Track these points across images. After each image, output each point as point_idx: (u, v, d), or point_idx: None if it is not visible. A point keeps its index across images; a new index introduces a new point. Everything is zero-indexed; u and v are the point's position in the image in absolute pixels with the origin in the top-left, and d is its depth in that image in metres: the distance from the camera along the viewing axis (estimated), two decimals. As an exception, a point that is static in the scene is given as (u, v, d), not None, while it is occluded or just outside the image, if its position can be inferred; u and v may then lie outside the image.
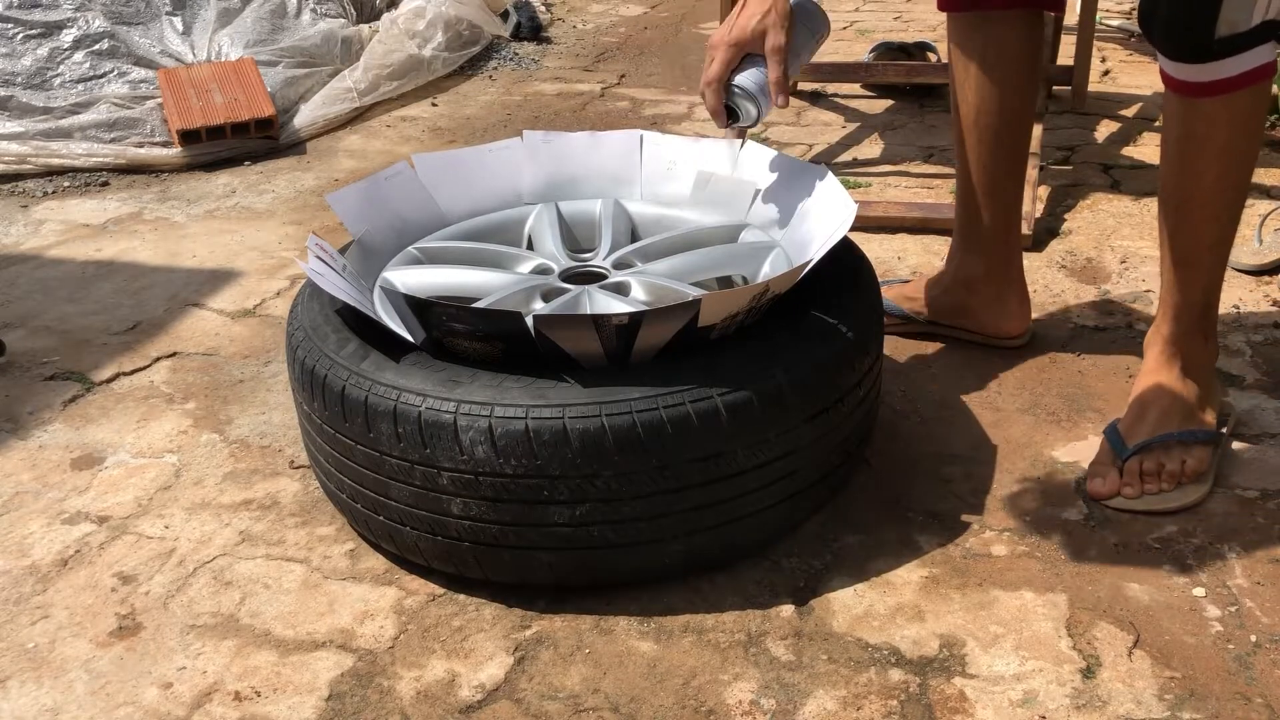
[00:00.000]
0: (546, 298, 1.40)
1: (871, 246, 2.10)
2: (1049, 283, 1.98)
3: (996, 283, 1.73)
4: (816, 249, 1.38)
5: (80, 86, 2.88)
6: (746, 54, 1.43)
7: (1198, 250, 1.45)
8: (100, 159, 2.72)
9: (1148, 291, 1.93)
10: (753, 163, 1.62)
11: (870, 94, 3.10)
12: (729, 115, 1.44)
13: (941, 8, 1.65)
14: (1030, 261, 1.89)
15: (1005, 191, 1.69)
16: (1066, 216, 2.24)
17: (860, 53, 3.35)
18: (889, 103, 3.03)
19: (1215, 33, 1.30)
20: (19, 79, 2.85)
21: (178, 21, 3.13)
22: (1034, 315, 1.81)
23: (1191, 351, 1.48)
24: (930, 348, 1.79)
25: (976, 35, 1.62)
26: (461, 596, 1.31)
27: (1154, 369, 1.50)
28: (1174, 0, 1.32)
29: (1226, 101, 1.35)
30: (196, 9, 3.17)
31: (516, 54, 3.61)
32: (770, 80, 1.42)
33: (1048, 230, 2.18)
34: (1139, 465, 1.43)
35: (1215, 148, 1.38)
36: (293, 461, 1.58)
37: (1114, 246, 2.11)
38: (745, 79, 1.43)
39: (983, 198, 1.69)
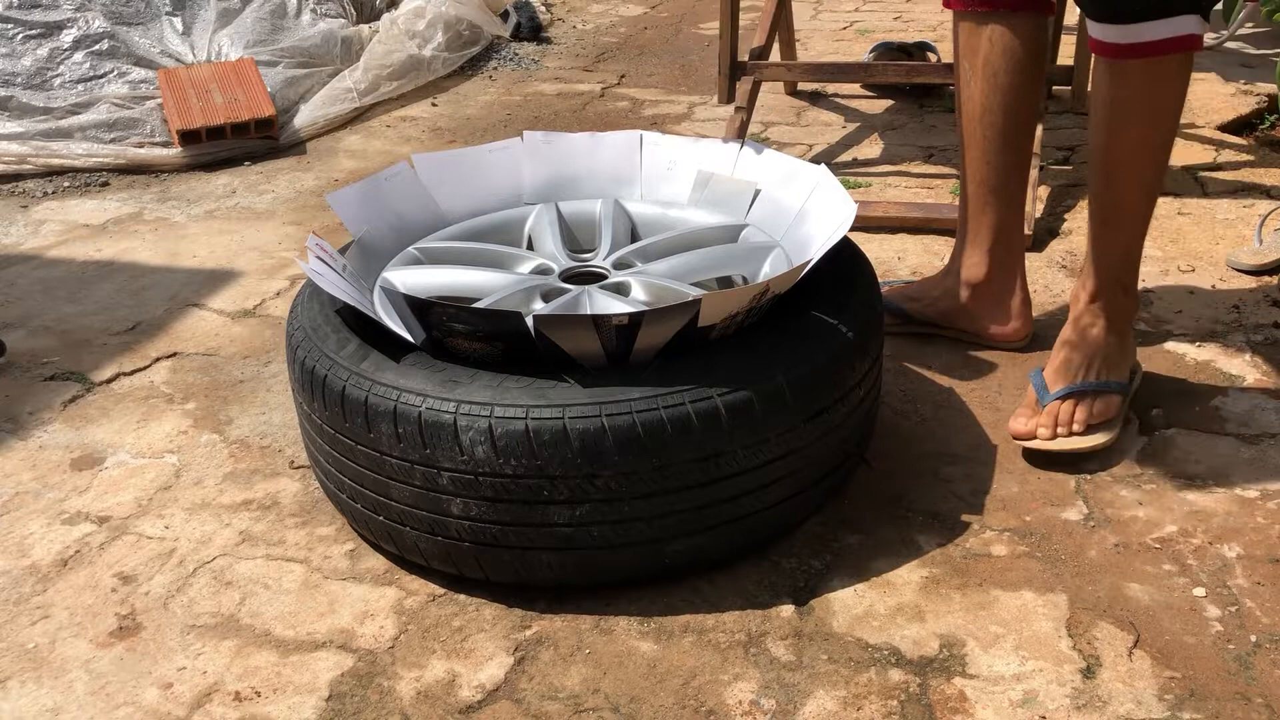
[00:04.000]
0: (546, 298, 1.40)
1: (871, 246, 2.10)
2: (1049, 283, 1.98)
3: (998, 285, 1.73)
4: (816, 249, 1.38)
5: (80, 87, 2.88)
6: None
7: (1119, 211, 1.52)
8: (100, 159, 2.72)
9: (1148, 291, 1.93)
10: (753, 163, 1.62)
11: (870, 94, 3.10)
12: None
13: (947, 5, 1.65)
14: (1030, 261, 1.89)
15: (1009, 190, 1.69)
16: (1066, 216, 2.24)
17: (860, 53, 3.35)
18: (889, 103, 3.02)
19: None
20: (19, 79, 2.85)
21: (178, 21, 3.13)
22: (1034, 315, 1.81)
23: (1113, 304, 1.56)
24: (930, 348, 1.79)
25: (982, 35, 1.62)
26: (461, 596, 1.31)
27: (1078, 320, 1.58)
28: None
29: (1147, 65, 1.41)
30: (196, 9, 3.17)
31: (516, 54, 3.61)
32: None
33: (1048, 230, 2.18)
34: (1056, 410, 1.52)
35: (1136, 111, 1.45)
36: (293, 461, 1.58)
37: (1114, 246, 2.11)
38: None
39: (987, 198, 1.69)
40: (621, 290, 1.43)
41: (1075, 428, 1.51)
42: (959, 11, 1.64)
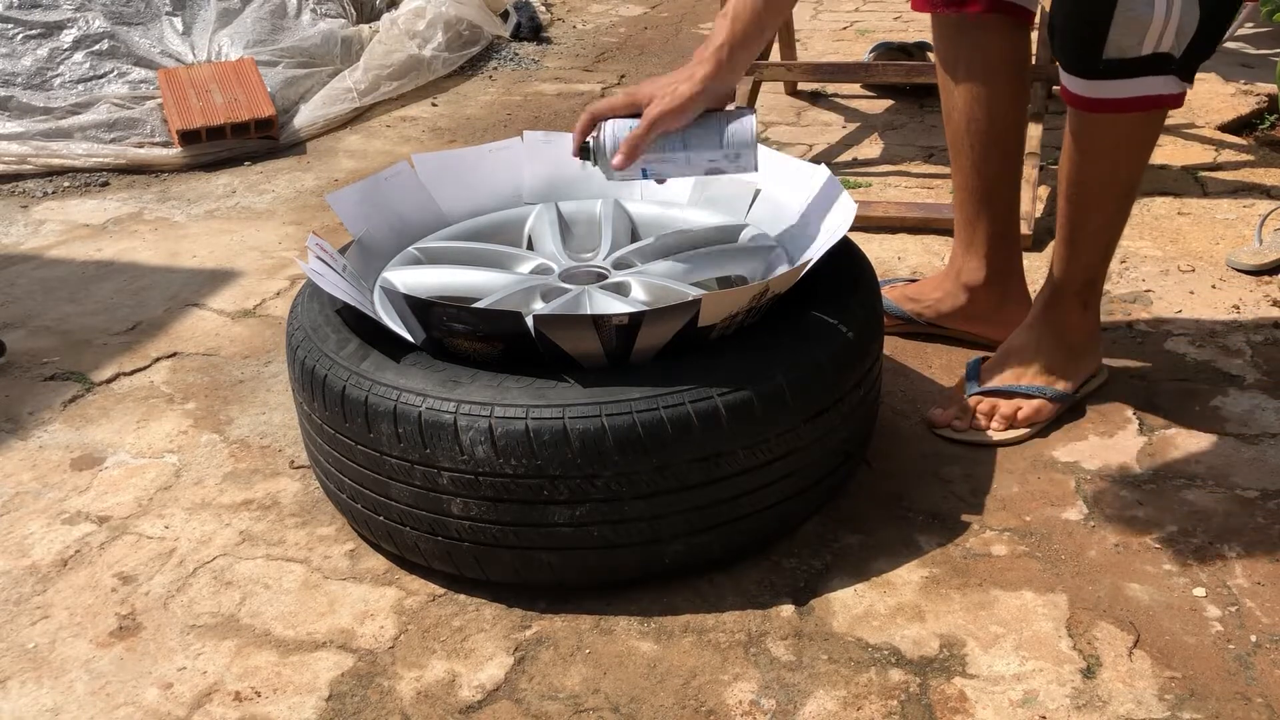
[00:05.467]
0: (546, 298, 1.40)
1: (871, 246, 2.10)
2: (1049, 283, 1.98)
3: (998, 287, 1.73)
4: (816, 249, 1.38)
5: (80, 87, 2.88)
6: (638, 113, 1.35)
7: (1080, 235, 1.53)
8: (100, 159, 2.72)
9: (1148, 291, 1.93)
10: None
11: (870, 94, 3.10)
12: (583, 152, 1.39)
13: (916, 7, 1.65)
14: (1030, 261, 1.89)
15: (1002, 196, 1.69)
16: (1066, 216, 2.24)
17: (860, 53, 3.35)
18: (889, 103, 3.02)
19: (1104, 53, 1.36)
20: (19, 79, 2.85)
21: (178, 21, 3.13)
22: (1034, 315, 1.80)
23: (1068, 317, 1.58)
24: (930, 348, 1.79)
25: (960, 40, 1.62)
26: (461, 596, 1.31)
27: (1030, 324, 1.61)
28: (1068, 17, 1.39)
29: (1112, 120, 1.42)
30: (196, 9, 3.17)
31: (516, 54, 3.61)
32: (626, 135, 1.34)
33: (1048, 230, 2.17)
34: (977, 405, 1.56)
35: (1098, 158, 1.46)
36: (293, 461, 1.58)
37: (1114, 246, 2.11)
38: (613, 125, 1.35)
39: (980, 203, 1.69)
40: (621, 290, 1.43)
41: (994, 424, 1.54)
42: (934, 16, 1.63)
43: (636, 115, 1.35)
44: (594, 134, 1.38)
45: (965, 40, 1.61)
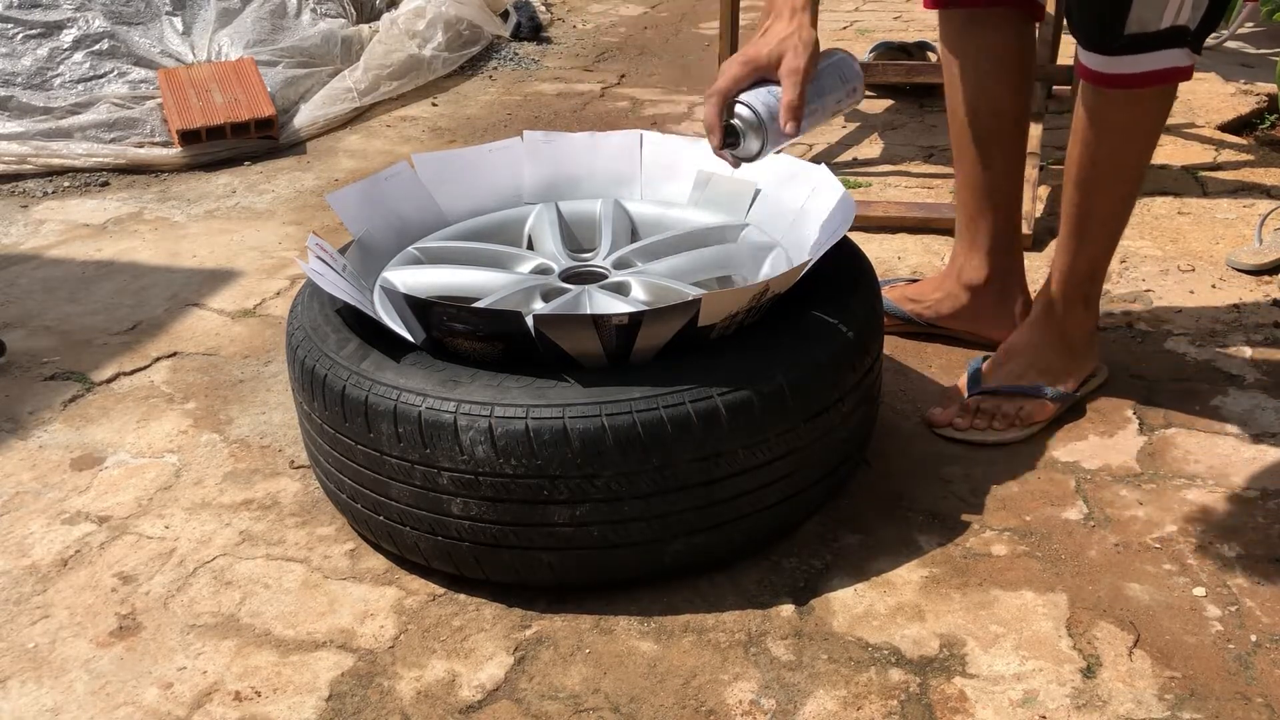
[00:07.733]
0: (546, 297, 1.41)
1: (871, 246, 2.10)
2: (1049, 283, 1.98)
3: (999, 286, 1.73)
4: (816, 249, 1.38)
5: (80, 86, 2.88)
6: (762, 78, 1.29)
7: (1088, 224, 1.53)
8: (100, 159, 2.72)
9: (1148, 291, 1.93)
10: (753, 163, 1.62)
11: (870, 94, 3.10)
12: (727, 135, 1.28)
13: (928, 5, 1.65)
14: (1030, 261, 1.89)
15: (1004, 194, 1.69)
16: (1066, 216, 2.24)
17: (860, 53, 3.34)
18: (889, 103, 3.03)
19: (1125, 29, 1.37)
20: (19, 79, 2.85)
21: (178, 21, 3.13)
22: (1034, 315, 1.80)
23: (1070, 315, 1.58)
24: (930, 348, 1.79)
25: (967, 36, 1.62)
26: (462, 596, 1.31)
27: (1032, 323, 1.61)
28: None
29: (1128, 95, 1.43)
30: (196, 9, 3.17)
31: (516, 54, 3.61)
32: (783, 103, 1.25)
33: (1048, 230, 2.17)
34: (978, 404, 1.56)
35: (1112, 135, 1.46)
36: (293, 461, 1.58)
37: (1114, 246, 2.11)
38: (752, 97, 1.27)
39: (982, 201, 1.69)
40: (621, 290, 1.43)
41: (995, 424, 1.54)
42: (941, 12, 1.64)
43: (760, 83, 1.29)
44: (733, 117, 1.29)
45: (971, 34, 1.61)
